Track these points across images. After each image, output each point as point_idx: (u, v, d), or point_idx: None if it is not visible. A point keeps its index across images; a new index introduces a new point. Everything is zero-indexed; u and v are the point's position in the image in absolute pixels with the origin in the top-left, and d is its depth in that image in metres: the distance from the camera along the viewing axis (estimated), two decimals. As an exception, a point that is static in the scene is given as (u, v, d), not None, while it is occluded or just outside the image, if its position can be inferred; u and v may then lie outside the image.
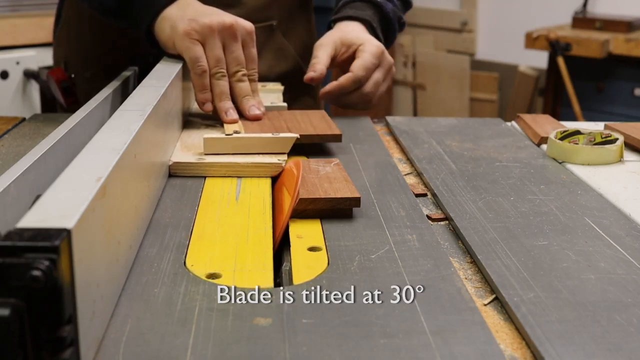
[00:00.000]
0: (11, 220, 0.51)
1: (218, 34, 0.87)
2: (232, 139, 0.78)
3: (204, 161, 0.76)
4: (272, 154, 0.78)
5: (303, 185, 0.66)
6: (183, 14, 0.89)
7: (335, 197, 0.65)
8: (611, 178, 0.78)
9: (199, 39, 0.87)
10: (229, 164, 0.76)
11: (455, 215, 0.67)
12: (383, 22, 1.12)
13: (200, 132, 0.86)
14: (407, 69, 3.70)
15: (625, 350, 0.45)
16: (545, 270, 0.55)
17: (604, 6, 3.09)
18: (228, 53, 0.88)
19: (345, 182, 0.69)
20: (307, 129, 0.86)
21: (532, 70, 3.27)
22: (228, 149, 0.78)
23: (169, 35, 0.89)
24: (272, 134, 0.79)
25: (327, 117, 0.91)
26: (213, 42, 0.87)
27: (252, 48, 0.91)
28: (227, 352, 0.43)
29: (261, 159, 0.77)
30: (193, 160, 0.76)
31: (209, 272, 0.54)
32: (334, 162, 0.75)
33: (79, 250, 0.39)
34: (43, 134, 0.88)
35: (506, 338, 0.48)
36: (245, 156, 0.77)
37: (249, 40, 0.90)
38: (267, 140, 0.79)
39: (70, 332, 0.37)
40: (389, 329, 0.46)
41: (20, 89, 2.24)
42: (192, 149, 0.80)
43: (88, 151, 0.53)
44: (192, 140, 0.83)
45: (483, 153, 0.86)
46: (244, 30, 0.89)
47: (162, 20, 0.91)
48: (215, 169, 0.76)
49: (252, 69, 0.92)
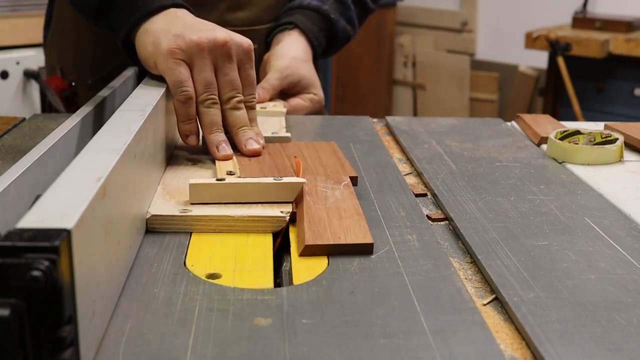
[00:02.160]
0: (11, 220, 0.51)
1: (208, 53, 0.74)
2: (224, 185, 0.64)
3: (189, 214, 0.62)
4: (274, 204, 0.64)
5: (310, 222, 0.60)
6: (168, 29, 0.76)
7: (346, 244, 0.57)
8: (611, 178, 0.78)
9: (185, 59, 0.74)
10: (220, 217, 0.62)
11: (455, 215, 0.67)
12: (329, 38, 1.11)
13: (187, 172, 0.73)
14: (407, 69, 3.70)
15: (625, 350, 0.45)
16: (545, 270, 0.55)
17: (604, 6, 3.09)
18: (221, 75, 0.76)
19: (357, 218, 0.61)
20: (316, 168, 0.73)
21: (532, 70, 3.27)
22: (219, 198, 0.64)
23: (150, 52, 0.77)
24: (274, 179, 0.65)
25: (339, 153, 0.78)
26: (202, 63, 0.74)
27: (250, 69, 0.78)
28: (227, 352, 0.43)
29: (261, 211, 0.63)
30: (176, 213, 0.62)
31: (209, 272, 0.54)
32: (344, 183, 0.68)
33: (79, 250, 0.39)
34: (43, 134, 0.88)
35: (506, 338, 0.48)
36: (241, 207, 0.63)
37: (246, 60, 0.78)
38: (269, 186, 0.64)
39: (70, 332, 0.37)
40: (389, 329, 0.46)
41: (20, 89, 2.24)
42: (175, 196, 0.66)
43: (88, 151, 0.53)
44: (177, 182, 0.69)
45: (483, 153, 0.86)
46: (240, 48, 0.77)
47: (144, 34, 0.79)
48: (202, 223, 0.61)
49: (250, 95, 0.79)
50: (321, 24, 1.10)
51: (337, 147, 0.80)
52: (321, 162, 0.75)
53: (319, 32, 1.09)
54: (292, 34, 1.08)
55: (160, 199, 0.65)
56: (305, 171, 0.71)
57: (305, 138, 0.91)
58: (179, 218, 0.61)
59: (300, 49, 1.07)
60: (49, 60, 1.20)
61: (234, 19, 1.09)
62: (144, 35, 0.79)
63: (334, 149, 0.80)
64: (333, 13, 1.10)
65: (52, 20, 1.17)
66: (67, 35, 1.14)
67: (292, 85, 1.03)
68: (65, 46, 1.15)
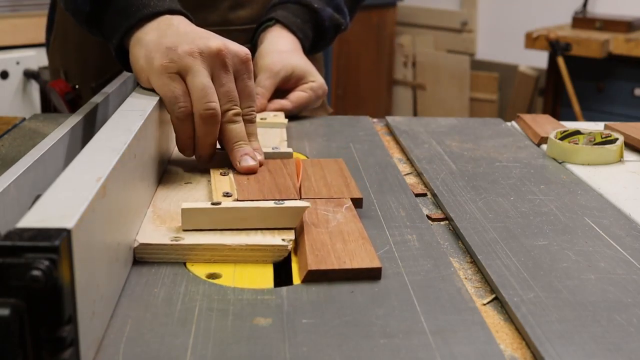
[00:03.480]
0: (11, 220, 0.51)
1: (203, 61, 0.70)
2: (219, 210, 0.58)
3: (180, 243, 0.56)
4: (274, 230, 0.59)
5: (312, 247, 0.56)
6: (160, 41, 0.72)
7: (352, 269, 0.53)
8: (611, 178, 0.78)
9: (179, 71, 0.70)
10: (215, 247, 0.56)
11: (455, 215, 0.67)
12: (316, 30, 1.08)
13: (180, 192, 0.68)
14: (407, 69, 3.71)
15: (625, 350, 0.45)
16: (545, 270, 0.55)
17: (604, 6, 3.09)
18: (217, 86, 0.71)
19: (362, 242, 0.57)
20: (319, 188, 0.68)
21: (532, 70, 3.27)
22: (214, 224, 0.58)
23: (142, 67, 0.73)
24: (275, 203, 0.59)
25: (345, 171, 0.73)
26: (198, 70, 0.69)
27: (248, 80, 0.73)
28: (227, 352, 0.44)
29: (260, 239, 0.57)
30: (166, 242, 0.56)
31: (209, 272, 0.54)
32: (346, 206, 0.64)
33: (79, 250, 0.39)
34: (43, 134, 0.88)
35: (506, 338, 0.48)
36: (239, 233, 0.58)
37: (243, 70, 0.73)
38: (269, 211, 0.59)
39: (70, 332, 0.37)
40: (389, 329, 0.46)
41: (20, 89, 2.24)
42: (166, 221, 0.60)
43: (88, 151, 0.53)
44: (169, 205, 0.64)
45: (483, 153, 0.86)
46: (236, 57, 0.72)
47: (136, 45, 0.75)
48: (195, 252, 0.56)
49: (248, 107, 0.74)
50: (304, 16, 1.06)
51: (344, 164, 0.75)
52: (325, 182, 0.70)
53: (303, 24, 1.06)
54: (274, 29, 1.04)
55: (150, 225, 0.59)
56: (308, 191, 0.67)
57: (305, 138, 0.91)
58: (169, 247, 0.56)
59: (286, 42, 1.03)
60: (52, 63, 1.19)
61: (235, 18, 1.08)
62: (137, 48, 0.75)
63: (340, 167, 0.74)
64: (317, 3, 1.06)
65: (54, 24, 1.16)
66: (69, 38, 1.13)
67: (286, 79, 0.99)
68: (68, 49, 1.14)
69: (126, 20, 0.76)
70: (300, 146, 0.88)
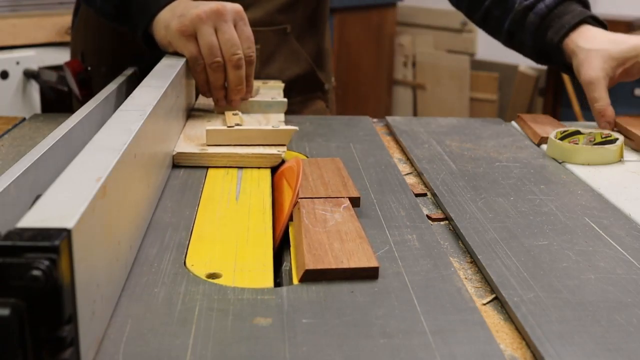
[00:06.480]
0: (11, 220, 0.51)
1: (207, 20, 0.88)
2: (233, 130, 0.81)
3: (207, 152, 0.79)
4: (272, 146, 0.81)
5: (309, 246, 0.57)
6: (174, 12, 0.91)
7: (349, 268, 0.54)
8: (611, 178, 0.78)
9: (192, 33, 0.89)
10: (230, 154, 0.79)
11: (455, 215, 0.67)
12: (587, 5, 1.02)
13: (202, 124, 0.89)
14: (407, 69, 3.70)
15: (625, 350, 0.45)
16: (545, 270, 0.55)
17: (604, 6, 3.09)
18: (221, 35, 0.89)
19: (360, 241, 0.58)
20: (317, 187, 0.70)
21: (532, 70, 3.27)
22: (230, 140, 0.81)
23: (164, 35, 0.92)
24: (272, 127, 0.82)
25: (342, 170, 0.76)
26: (205, 30, 0.88)
27: (245, 26, 0.91)
28: (227, 352, 0.43)
29: (262, 150, 0.79)
30: (196, 151, 0.79)
31: (209, 272, 0.54)
32: (344, 205, 0.65)
33: (79, 250, 0.39)
34: (43, 134, 0.88)
35: (506, 338, 0.48)
36: (246, 147, 0.80)
37: (238, 19, 0.91)
38: (268, 132, 0.81)
39: (70, 332, 0.37)
40: (389, 329, 0.46)
41: (20, 89, 2.24)
42: (194, 140, 0.83)
43: (88, 151, 0.53)
44: (195, 132, 0.87)
45: (483, 153, 0.86)
46: (232, 11, 0.90)
47: (157, 23, 0.93)
48: (217, 159, 0.79)
49: (249, 48, 0.91)
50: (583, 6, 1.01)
51: (341, 163, 0.78)
52: (323, 181, 0.72)
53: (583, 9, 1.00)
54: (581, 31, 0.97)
55: (183, 142, 0.82)
56: (306, 190, 0.68)
57: (305, 138, 0.92)
58: (198, 155, 0.79)
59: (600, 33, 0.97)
60: (73, 44, 1.24)
61: None
62: (157, 25, 0.93)
63: (338, 166, 0.77)
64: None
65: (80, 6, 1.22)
66: (90, 22, 1.18)
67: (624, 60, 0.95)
68: (88, 32, 1.20)
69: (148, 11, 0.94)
70: (300, 146, 0.88)
